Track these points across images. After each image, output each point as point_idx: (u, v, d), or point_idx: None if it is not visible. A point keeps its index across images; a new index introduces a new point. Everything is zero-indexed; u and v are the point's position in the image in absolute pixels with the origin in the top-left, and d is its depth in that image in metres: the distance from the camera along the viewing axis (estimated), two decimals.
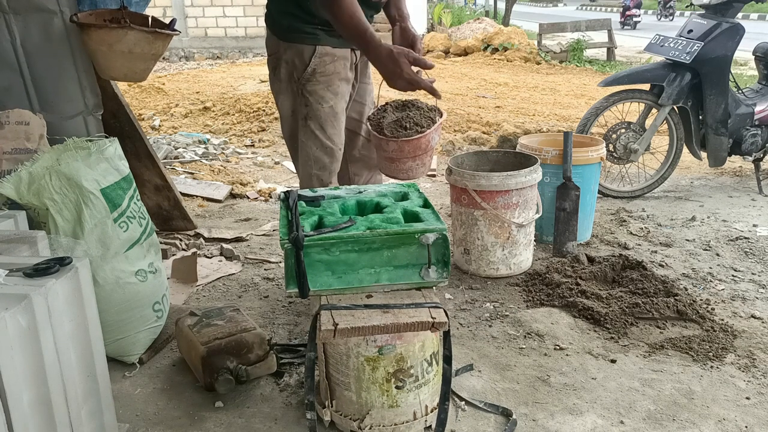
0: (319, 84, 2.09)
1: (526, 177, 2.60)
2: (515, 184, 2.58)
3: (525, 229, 2.69)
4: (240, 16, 11.28)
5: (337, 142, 2.18)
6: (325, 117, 2.13)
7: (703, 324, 2.24)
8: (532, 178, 2.63)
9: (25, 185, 1.76)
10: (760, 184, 3.94)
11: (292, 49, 2.08)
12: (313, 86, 2.09)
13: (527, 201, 2.65)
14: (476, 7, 24.07)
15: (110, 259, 1.89)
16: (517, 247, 2.68)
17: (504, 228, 2.63)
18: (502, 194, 2.58)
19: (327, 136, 2.15)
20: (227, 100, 6.01)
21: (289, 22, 2.05)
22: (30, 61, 2.26)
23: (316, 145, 2.15)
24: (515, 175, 2.58)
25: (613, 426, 1.73)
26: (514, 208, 2.61)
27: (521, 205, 2.62)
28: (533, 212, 2.72)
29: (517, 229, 2.65)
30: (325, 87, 2.10)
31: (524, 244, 2.70)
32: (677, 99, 3.64)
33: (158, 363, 2.05)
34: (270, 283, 2.64)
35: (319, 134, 2.14)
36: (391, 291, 1.64)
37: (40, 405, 1.31)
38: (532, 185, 2.66)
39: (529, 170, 2.62)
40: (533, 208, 2.72)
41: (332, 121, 2.15)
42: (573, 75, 8.93)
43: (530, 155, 2.85)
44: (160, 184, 3.01)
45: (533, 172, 2.65)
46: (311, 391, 1.62)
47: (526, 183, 2.61)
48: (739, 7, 3.67)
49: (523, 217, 2.65)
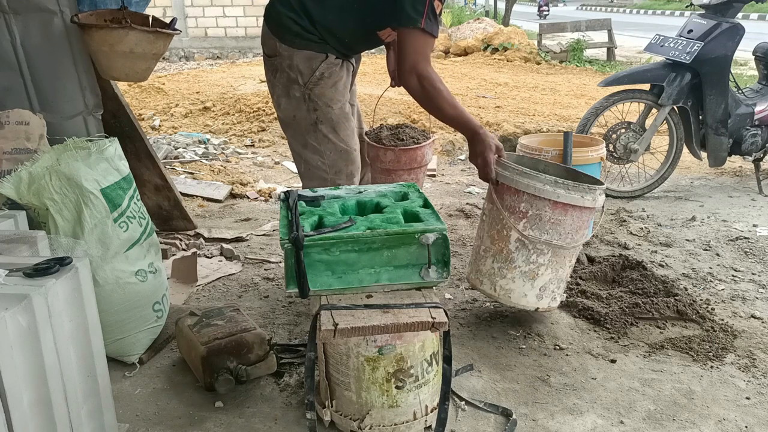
0: (327, 87, 2.07)
1: (568, 192, 2.01)
2: (534, 189, 2.01)
3: (528, 250, 2.07)
4: (240, 16, 11.28)
5: (351, 144, 2.16)
6: (337, 119, 2.11)
7: (703, 324, 2.24)
8: (572, 196, 2.02)
9: (25, 185, 1.76)
10: (760, 184, 3.94)
11: (300, 54, 2.04)
12: (321, 90, 2.06)
13: (541, 217, 2.04)
14: (476, 7, 24.07)
15: (110, 259, 1.89)
16: (511, 269, 2.11)
17: (502, 235, 2.11)
18: (513, 192, 2.06)
19: (341, 139, 2.13)
20: (227, 100, 6.01)
21: (299, 29, 2.02)
22: (30, 61, 2.26)
23: (330, 149, 2.13)
24: (555, 185, 2.01)
25: (613, 426, 1.73)
26: (521, 216, 2.06)
27: (531, 218, 2.05)
28: (555, 238, 2.05)
29: (517, 245, 2.07)
30: (333, 90, 2.08)
31: (523, 272, 2.10)
32: (677, 99, 3.64)
33: (158, 363, 2.05)
34: (270, 283, 2.64)
35: (333, 137, 2.12)
36: (391, 291, 1.64)
37: (40, 405, 1.31)
38: (562, 203, 2.02)
39: (583, 187, 2.02)
40: (555, 233, 2.05)
41: (344, 123, 2.13)
42: (573, 75, 8.92)
43: (579, 173, 2.28)
44: (160, 184, 3.01)
45: (587, 191, 2.02)
46: (311, 391, 1.62)
47: (554, 196, 2.01)
48: (739, 7, 3.67)
49: (531, 233, 2.05)
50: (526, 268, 2.09)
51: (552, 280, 2.12)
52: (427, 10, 1.88)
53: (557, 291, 2.16)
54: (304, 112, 2.10)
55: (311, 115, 2.10)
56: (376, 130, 2.94)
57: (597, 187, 2.05)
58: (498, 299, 2.14)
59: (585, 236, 2.14)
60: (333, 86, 2.08)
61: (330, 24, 2.02)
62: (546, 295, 2.13)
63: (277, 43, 2.07)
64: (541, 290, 2.11)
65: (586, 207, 2.04)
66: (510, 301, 2.12)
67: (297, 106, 2.11)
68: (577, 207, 2.03)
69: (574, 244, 2.09)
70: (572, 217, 2.04)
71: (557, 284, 2.14)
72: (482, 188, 4.14)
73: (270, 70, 2.15)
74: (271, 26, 2.09)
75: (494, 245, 2.13)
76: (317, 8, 2.00)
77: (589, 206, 2.05)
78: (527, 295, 2.11)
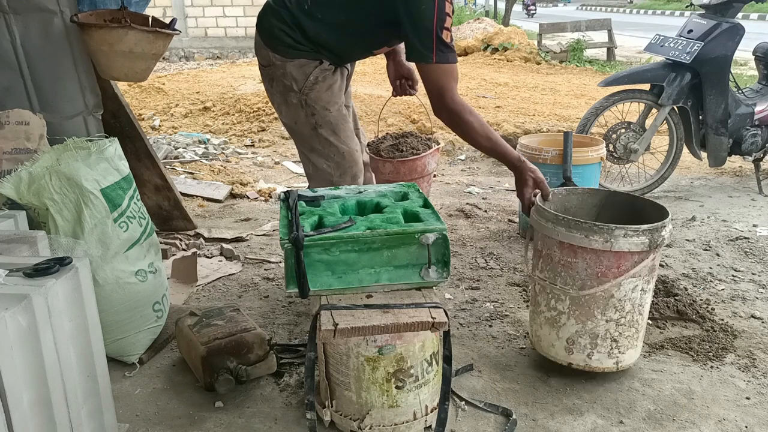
0: (322, 91, 2.07)
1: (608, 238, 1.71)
2: (539, 225, 1.81)
3: (547, 293, 1.86)
4: (240, 16, 11.28)
5: (351, 145, 2.16)
6: (335, 121, 2.11)
7: (703, 324, 2.24)
8: (573, 236, 1.74)
9: (25, 185, 1.76)
10: (760, 184, 3.94)
11: (293, 63, 2.04)
12: (316, 94, 2.06)
13: (551, 257, 1.81)
14: (476, 7, 24.09)
15: (110, 259, 1.89)
16: (538, 312, 1.91)
17: (531, 275, 1.94)
18: (536, 232, 1.87)
19: (341, 140, 2.13)
20: (227, 100, 6.01)
21: (291, 41, 2.01)
22: (30, 61, 2.26)
23: (333, 151, 2.13)
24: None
25: (613, 426, 1.73)
26: (539, 256, 1.87)
27: (545, 258, 1.84)
28: (569, 282, 1.79)
29: (539, 286, 1.88)
30: (328, 93, 2.08)
31: (547, 318, 1.88)
32: (677, 99, 3.64)
33: (158, 363, 2.05)
34: (270, 283, 2.64)
35: (333, 140, 2.12)
36: (391, 291, 1.64)
37: (40, 405, 1.31)
38: (568, 244, 1.76)
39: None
40: (568, 277, 1.79)
41: (342, 124, 2.13)
42: (573, 75, 8.92)
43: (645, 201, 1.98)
44: (160, 184, 3.01)
45: (592, 231, 1.72)
46: (311, 391, 1.62)
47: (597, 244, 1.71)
48: (739, 7, 3.67)
49: (545, 274, 1.84)
50: (548, 314, 1.88)
51: (579, 332, 1.83)
52: (435, 43, 1.84)
53: (593, 348, 1.83)
54: (303, 118, 2.11)
55: (310, 120, 2.10)
56: (378, 141, 2.92)
57: (615, 226, 1.69)
58: (535, 346, 1.98)
59: (619, 285, 1.75)
60: (328, 89, 2.08)
61: (323, 40, 2.01)
62: (576, 350, 1.85)
63: (270, 53, 2.06)
64: (569, 343, 1.85)
65: (596, 249, 1.72)
66: (542, 349, 1.93)
67: (296, 113, 2.11)
68: (587, 249, 1.73)
69: (593, 293, 1.76)
70: (584, 260, 1.75)
71: (590, 339, 1.83)
72: (482, 188, 4.15)
73: (266, 79, 2.15)
74: (263, 37, 2.09)
75: (530, 286, 2.03)
76: (311, 24, 1.99)
77: (601, 248, 1.71)
78: (554, 345, 1.89)
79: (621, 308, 1.80)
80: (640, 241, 1.70)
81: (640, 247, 1.71)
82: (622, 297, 1.78)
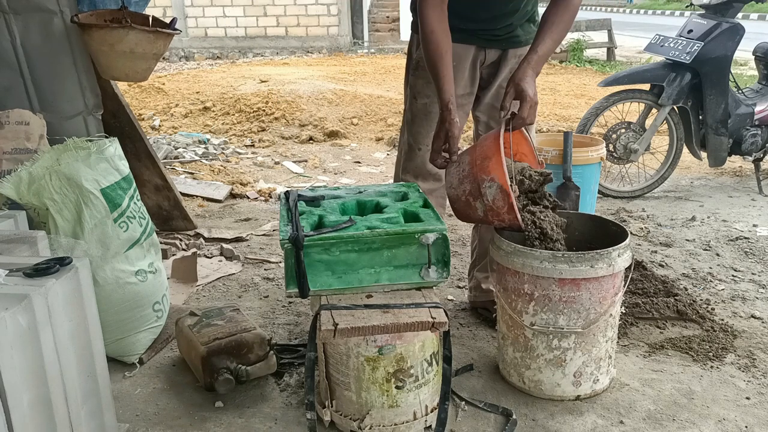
0: (420, 78, 2.00)
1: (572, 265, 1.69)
2: (532, 268, 1.72)
3: (547, 335, 1.77)
4: (240, 16, 11.27)
5: (418, 141, 2.04)
6: (415, 113, 2.05)
7: (703, 324, 2.24)
8: (579, 269, 1.69)
9: (25, 185, 1.76)
10: (760, 184, 3.94)
11: (412, 38, 2.04)
12: (415, 79, 2.03)
13: (549, 297, 1.73)
14: None
15: (110, 259, 1.89)
16: (534, 358, 1.82)
17: (515, 321, 1.83)
18: (512, 274, 1.79)
19: (411, 133, 2.07)
20: (227, 100, 6.00)
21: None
22: (30, 61, 2.26)
23: (402, 140, 2.12)
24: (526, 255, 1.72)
25: (613, 426, 1.73)
26: (528, 300, 1.77)
27: (540, 300, 1.75)
28: (573, 318, 1.74)
29: (534, 330, 1.79)
30: (425, 82, 1.96)
31: (547, 360, 1.80)
32: (677, 99, 3.64)
33: (158, 363, 2.05)
34: (270, 283, 2.64)
35: (405, 129, 2.10)
36: (391, 291, 1.64)
37: (40, 405, 1.31)
38: (570, 279, 1.70)
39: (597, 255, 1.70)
40: (572, 312, 1.74)
41: (421, 120, 2.03)
42: (573, 75, 8.92)
43: (609, 222, 1.97)
44: (160, 184, 3.01)
45: (596, 259, 1.70)
46: (311, 391, 1.62)
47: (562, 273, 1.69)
48: (739, 7, 3.67)
49: (543, 317, 1.76)
50: (550, 355, 1.79)
51: (587, 362, 1.79)
52: None
53: (597, 372, 1.82)
54: (406, 99, 2.10)
55: (405, 103, 2.10)
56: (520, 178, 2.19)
57: (612, 249, 1.71)
58: (530, 393, 1.86)
59: (614, 302, 1.77)
60: (427, 79, 1.90)
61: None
62: (584, 380, 1.81)
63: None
64: (576, 376, 1.80)
65: (599, 277, 1.70)
66: (543, 393, 1.84)
67: (405, 93, 2.10)
68: (590, 279, 1.70)
69: (598, 318, 1.76)
70: (588, 290, 1.72)
71: (595, 365, 1.81)
72: None
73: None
74: None
75: (510, 332, 1.86)
76: None
77: (604, 274, 1.71)
78: (560, 384, 1.81)
79: (614, 324, 1.85)
80: (628, 255, 1.78)
81: (628, 262, 1.78)
82: (614, 312, 1.82)
